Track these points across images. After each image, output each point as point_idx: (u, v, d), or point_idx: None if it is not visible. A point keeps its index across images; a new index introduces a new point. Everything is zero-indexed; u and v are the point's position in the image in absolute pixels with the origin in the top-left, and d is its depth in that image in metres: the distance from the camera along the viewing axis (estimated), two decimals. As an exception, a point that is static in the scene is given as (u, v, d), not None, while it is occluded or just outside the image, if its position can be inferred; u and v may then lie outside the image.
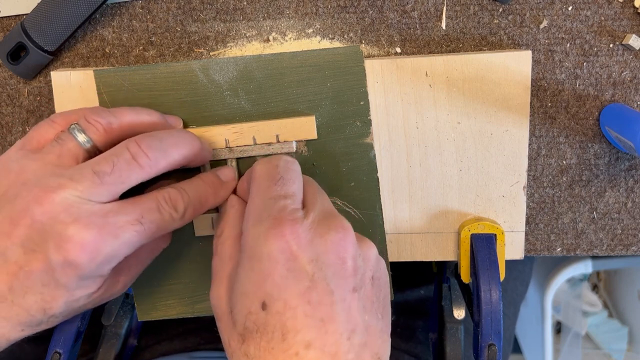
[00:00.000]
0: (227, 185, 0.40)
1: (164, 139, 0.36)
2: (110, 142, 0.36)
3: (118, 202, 0.34)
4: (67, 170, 0.33)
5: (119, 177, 0.33)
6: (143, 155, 0.34)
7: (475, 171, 0.43)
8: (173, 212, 0.35)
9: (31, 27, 0.43)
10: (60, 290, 0.33)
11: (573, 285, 1.15)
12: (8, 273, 0.32)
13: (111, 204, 0.33)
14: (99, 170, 0.33)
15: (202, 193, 0.37)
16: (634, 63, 0.43)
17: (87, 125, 0.35)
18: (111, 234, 0.32)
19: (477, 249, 0.42)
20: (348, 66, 0.41)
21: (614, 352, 1.11)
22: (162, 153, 0.35)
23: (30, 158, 0.34)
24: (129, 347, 0.56)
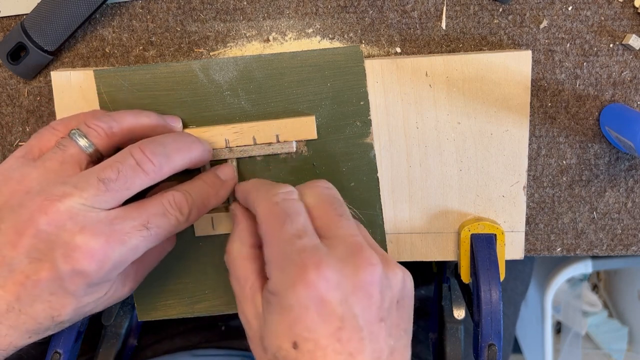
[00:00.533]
0: (227, 184, 0.40)
1: (167, 144, 0.36)
2: (112, 146, 0.36)
3: (123, 207, 0.34)
4: (71, 178, 0.33)
5: (124, 184, 0.33)
6: (147, 162, 0.34)
7: (475, 171, 0.43)
8: (179, 215, 0.35)
9: (31, 27, 0.43)
10: (68, 298, 0.33)
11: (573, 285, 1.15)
12: (15, 283, 0.32)
13: (116, 210, 0.33)
14: (104, 178, 0.33)
15: (205, 194, 0.38)
16: (634, 63, 0.43)
17: (88, 130, 0.35)
18: (118, 241, 0.32)
19: (477, 249, 0.42)
20: (348, 66, 0.41)
21: (614, 352, 1.11)
22: (165, 158, 0.35)
23: (31, 166, 0.34)
24: (129, 347, 0.56)
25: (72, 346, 0.42)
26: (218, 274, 0.45)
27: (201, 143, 0.39)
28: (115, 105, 0.41)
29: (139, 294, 0.45)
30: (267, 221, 0.33)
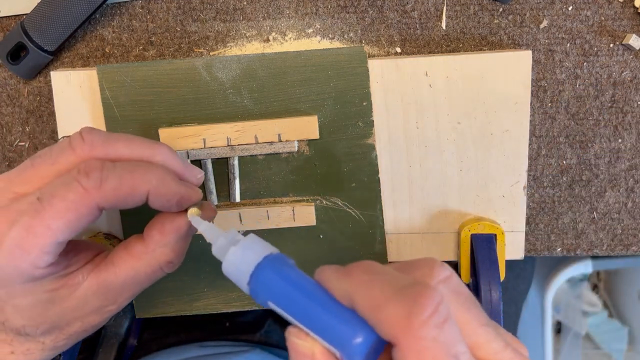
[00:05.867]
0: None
1: (119, 139, 0.32)
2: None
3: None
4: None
5: (49, 158, 0.31)
6: (79, 138, 0.31)
7: (475, 171, 0.43)
8: (85, 180, 0.29)
9: (31, 27, 0.43)
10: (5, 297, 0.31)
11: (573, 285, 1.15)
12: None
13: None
14: (35, 156, 0.31)
15: (131, 161, 0.32)
16: (634, 63, 0.43)
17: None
18: (7, 221, 0.29)
19: (477, 249, 0.42)
20: (351, 66, 0.41)
21: (614, 352, 1.11)
22: (104, 142, 0.31)
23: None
24: (129, 347, 0.56)
25: (72, 346, 0.41)
26: (216, 272, 0.45)
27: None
28: (117, 102, 0.42)
29: None
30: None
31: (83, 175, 0.29)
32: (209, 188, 0.43)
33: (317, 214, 0.43)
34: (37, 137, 0.47)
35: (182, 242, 0.34)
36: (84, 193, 0.29)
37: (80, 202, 0.29)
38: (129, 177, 0.30)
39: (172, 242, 0.33)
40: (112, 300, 0.33)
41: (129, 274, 0.32)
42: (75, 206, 0.29)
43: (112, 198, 0.30)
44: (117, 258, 0.33)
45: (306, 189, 0.43)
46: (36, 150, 0.47)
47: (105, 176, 0.29)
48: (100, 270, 0.32)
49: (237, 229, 0.43)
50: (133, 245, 0.33)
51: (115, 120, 0.42)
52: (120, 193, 0.30)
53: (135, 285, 0.33)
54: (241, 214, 0.43)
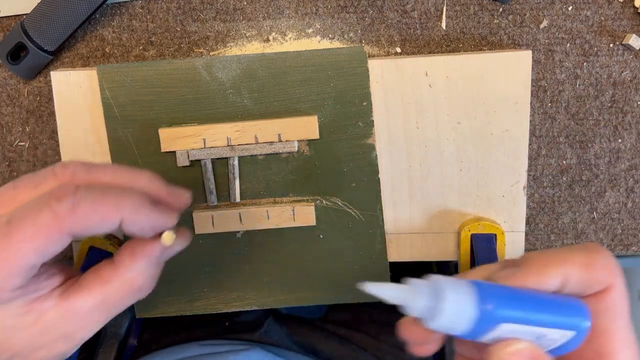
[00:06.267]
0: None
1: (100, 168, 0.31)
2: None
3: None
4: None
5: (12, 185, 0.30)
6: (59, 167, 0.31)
7: (475, 171, 0.43)
8: (55, 205, 0.28)
9: (31, 27, 0.43)
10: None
11: (572, 285, 1.14)
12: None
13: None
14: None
15: (107, 188, 0.31)
16: (634, 63, 0.43)
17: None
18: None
19: (477, 249, 0.42)
20: (352, 66, 0.41)
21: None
22: (82, 166, 0.31)
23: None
24: (129, 347, 0.56)
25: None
26: (217, 272, 0.45)
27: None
28: (117, 102, 0.42)
29: None
30: None
31: (55, 200, 0.28)
32: (209, 188, 0.43)
33: (317, 214, 0.43)
34: (37, 137, 0.47)
35: (153, 267, 0.33)
36: (54, 218, 0.28)
37: (51, 227, 0.28)
38: (102, 203, 0.29)
39: (142, 267, 0.32)
40: (80, 326, 0.32)
41: (98, 298, 0.31)
42: (45, 231, 0.28)
43: (84, 224, 0.29)
44: (87, 282, 0.32)
45: (306, 189, 0.43)
46: (36, 150, 0.47)
47: (78, 201, 0.28)
48: (70, 293, 0.31)
49: (237, 229, 0.44)
50: (103, 269, 0.32)
51: (115, 120, 0.42)
52: (92, 219, 0.29)
53: (105, 311, 0.32)
54: (241, 214, 0.43)
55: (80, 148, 0.44)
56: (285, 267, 0.45)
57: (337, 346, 0.63)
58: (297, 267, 0.45)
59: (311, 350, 0.63)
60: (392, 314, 0.65)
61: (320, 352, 0.63)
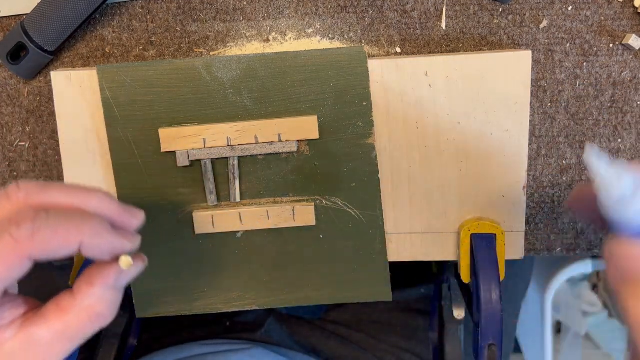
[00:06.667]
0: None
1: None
2: None
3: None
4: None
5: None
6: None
7: (475, 171, 0.43)
8: (14, 231, 0.29)
9: (31, 27, 0.43)
10: None
11: (573, 285, 1.15)
12: None
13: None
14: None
15: (69, 212, 0.31)
16: (634, 63, 0.43)
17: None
18: None
19: (477, 249, 0.42)
20: (351, 66, 0.41)
21: (614, 352, 1.11)
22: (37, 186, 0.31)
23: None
24: (129, 347, 0.56)
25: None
26: (217, 272, 0.45)
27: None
28: (117, 102, 0.42)
29: (138, 292, 0.45)
30: None
31: (14, 226, 0.29)
32: (209, 188, 0.43)
33: (317, 214, 0.43)
34: (37, 137, 0.47)
35: (112, 293, 0.32)
36: (14, 244, 0.28)
37: (11, 253, 0.28)
38: (62, 228, 0.30)
39: (100, 293, 0.32)
40: (41, 357, 0.31)
41: (57, 328, 0.31)
42: (5, 257, 0.28)
43: (44, 249, 0.29)
44: (47, 312, 0.31)
45: (306, 189, 0.43)
46: (36, 150, 0.47)
47: (38, 227, 0.29)
48: (30, 324, 0.31)
49: (237, 229, 0.44)
50: (62, 298, 0.32)
51: (115, 120, 0.42)
52: (52, 244, 0.29)
53: (66, 341, 0.31)
54: (241, 214, 0.43)
55: (80, 148, 0.44)
56: (285, 267, 0.45)
57: (338, 346, 0.63)
58: (297, 267, 0.45)
59: (312, 350, 0.64)
60: (393, 314, 0.65)
61: (321, 352, 0.63)
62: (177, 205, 0.44)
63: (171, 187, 0.43)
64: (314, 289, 0.45)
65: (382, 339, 0.64)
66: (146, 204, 0.43)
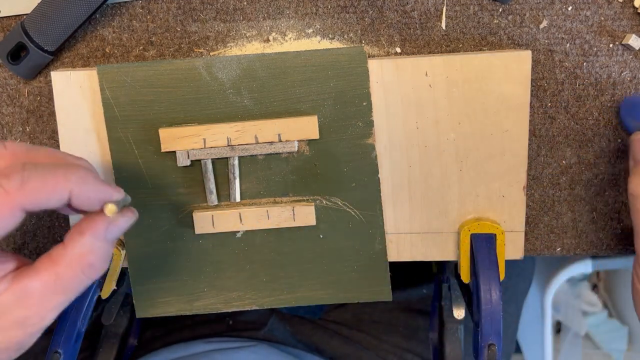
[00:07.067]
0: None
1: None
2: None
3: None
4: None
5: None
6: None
7: (475, 171, 0.43)
8: (4, 181, 0.30)
9: (31, 27, 0.43)
10: None
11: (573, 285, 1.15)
12: None
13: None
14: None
15: (52, 163, 0.32)
16: (634, 63, 0.43)
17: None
18: None
19: (477, 249, 0.42)
20: (351, 67, 0.41)
21: (613, 352, 1.11)
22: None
23: None
24: (129, 347, 0.56)
25: (72, 346, 0.42)
26: (217, 272, 0.45)
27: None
28: (117, 102, 0.42)
29: (138, 291, 0.45)
30: None
31: (3, 177, 0.29)
32: (209, 188, 0.43)
33: (317, 214, 0.43)
34: (37, 137, 0.47)
35: (102, 244, 0.33)
36: (4, 195, 0.29)
37: (2, 205, 0.29)
38: (50, 176, 0.30)
39: (89, 242, 0.32)
40: (34, 311, 0.31)
41: (50, 278, 0.31)
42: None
43: (34, 198, 0.30)
44: (39, 264, 0.32)
45: (306, 189, 0.43)
46: (36, 150, 0.47)
47: (27, 177, 0.30)
48: (22, 276, 0.31)
49: (237, 229, 0.44)
50: (54, 250, 0.32)
51: (116, 120, 0.42)
52: (42, 193, 0.30)
53: (58, 293, 0.32)
54: (241, 214, 0.43)
55: (80, 148, 0.44)
56: (285, 267, 0.45)
57: (341, 345, 0.63)
58: (297, 267, 0.45)
59: (315, 348, 0.64)
60: (393, 314, 0.65)
61: (323, 351, 0.63)
62: (177, 205, 0.44)
63: (171, 187, 0.43)
64: (314, 289, 0.45)
65: (383, 339, 0.64)
66: (146, 204, 0.43)
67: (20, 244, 0.49)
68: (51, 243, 0.49)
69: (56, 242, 0.48)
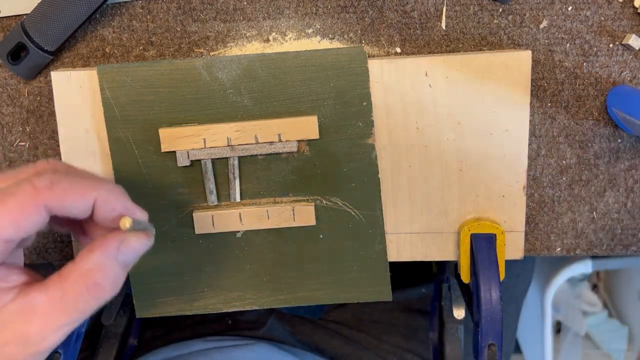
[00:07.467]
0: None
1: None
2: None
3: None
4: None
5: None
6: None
7: (475, 171, 0.43)
8: (35, 180, 0.30)
9: (31, 27, 0.43)
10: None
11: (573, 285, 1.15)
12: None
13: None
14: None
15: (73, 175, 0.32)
16: (634, 63, 0.43)
17: None
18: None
19: (477, 249, 0.42)
20: (351, 67, 0.41)
21: (613, 352, 1.11)
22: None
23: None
24: (129, 347, 0.56)
25: (72, 346, 0.42)
26: (217, 272, 0.45)
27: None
28: (117, 102, 0.42)
29: (138, 291, 0.45)
30: None
31: (35, 175, 0.30)
32: (209, 188, 0.43)
33: (317, 214, 0.43)
34: (37, 137, 0.47)
35: (113, 265, 0.32)
36: (33, 192, 0.30)
37: (29, 201, 0.29)
38: (79, 182, 0.31)
39: (99, 259, 0.31)
40: (37, 328, 0.30)
41: (56, 294, 0.30)
42: (23, 202, 0.29)
43: (61, 200, 0.30)
44: (49, 280, 0.31)
45: (306, 189, 0.43)
46: (36, 150, 0.47)
47: (58, 179, 0.30)
48: (30, 289, 0.31)
49: (237, 229, 0.44)
50: (64, 267, 0.32)
51: (116, 120, 0.42)
52: (69, 196, 0.31)
53: (62, 311, 0.30)
54: (241, 214, 0.43)
55: (80, 148, 0.44)
56: (285, 267, 0.45)
57: (341, 345, 0.63)
58: (297, 267, 0.45)
59: (315, 348, 0.64)
60: (393, 314, 0.65)
61: (323, 351, 0.63)
62: (177, 205, 0.44)
63: (171, 187, 0.43)
64: (314, 289, 0.45)
65: (383, 339, 0.64)
66: (146, 204, 0.43)
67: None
68: (51, 243, 0.49)
69: (56, 242, 0.48)
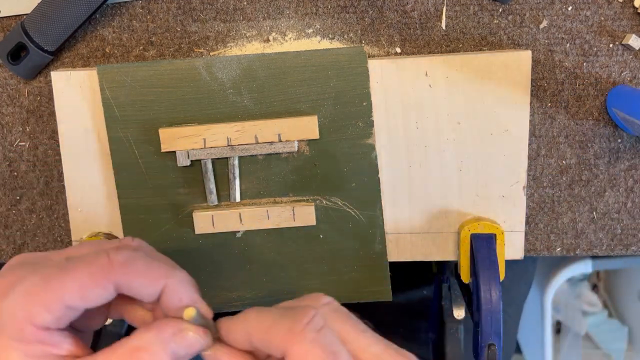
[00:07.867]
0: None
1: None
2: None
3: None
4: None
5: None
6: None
7: (475, 171, 0.43)
8: (113, 252, 0.30)
9: (31, 27, 0.43)
10: None
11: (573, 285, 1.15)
12: None
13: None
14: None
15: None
16: (634, 63, 0.43)
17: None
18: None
19: (477, 249, 0.42)
20: (351, 67, 0.41)
21: (613, 352, 1.11)
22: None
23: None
24: (129, 347, 0.56)
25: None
26: (217, 272, 0.45)
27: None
28: (117, 102, 0.42)
29: None
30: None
31: (114, 249, 0.30)
32: (209, 188, 0.43)
33: (317, 214, 0.43)
34: (37, 137, 0.47)
35: (161, 348, 0.30)
36: (108, 265, 0.29)
37: (101, 272, 0.29)
38: (155, 265, 0.31)
39: (151, 340, 0.30)
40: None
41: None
42: (95, 274, 0.29)
43: (132, 280, 0.30)
44: (100, 351, 0.31)
45: (306, 189, 0.43)
46: (36, 150, 0.47)
47: (134, 257, 0.30)
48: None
49: (237, 229, 0.44)
50: (119, 341, 0.31)
51: (116, 120, 0.42)
52: (140, 278, 0.30)
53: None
54: (241, 214, 0.43)
55: (80, 148, 0.44)
56: (285, 267, 0.45)
57: None
58: (297, 267, 0.45)
59: None
60: (394, 316, 0.65)
61: None
62: (177, 205, 0.44)
63: (171, 187, 0.43)
64: (314, 289, 0.45)
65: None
66: (146, 204, 0.43)
67: (20, 244, 0.49)
68: (51, 243, 0.49)
69: (56, 242, 0.48)
